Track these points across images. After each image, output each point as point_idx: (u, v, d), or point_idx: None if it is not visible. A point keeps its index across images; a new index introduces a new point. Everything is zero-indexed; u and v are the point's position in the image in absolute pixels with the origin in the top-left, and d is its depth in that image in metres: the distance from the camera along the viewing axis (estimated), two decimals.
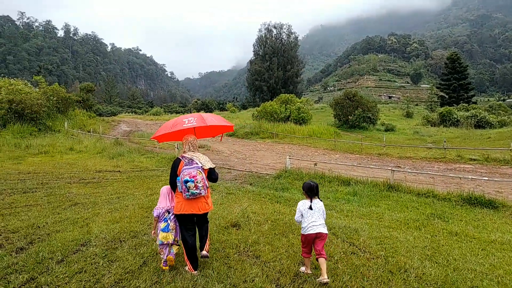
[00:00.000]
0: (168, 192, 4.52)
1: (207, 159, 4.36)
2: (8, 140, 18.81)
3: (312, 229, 4.11)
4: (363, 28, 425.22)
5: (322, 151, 21.90)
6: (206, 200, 4.26)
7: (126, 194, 9.29)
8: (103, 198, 8.67)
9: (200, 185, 4.03)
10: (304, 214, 4.28)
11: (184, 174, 4.02)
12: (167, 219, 4.29)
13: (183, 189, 4.03)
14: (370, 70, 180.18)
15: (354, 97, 35.50)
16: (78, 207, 7.70)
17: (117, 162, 15.15)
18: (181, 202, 4.12)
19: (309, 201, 4.35)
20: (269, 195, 8.99)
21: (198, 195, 4.06)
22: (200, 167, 4.13)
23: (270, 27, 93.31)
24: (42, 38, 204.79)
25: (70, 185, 10.27)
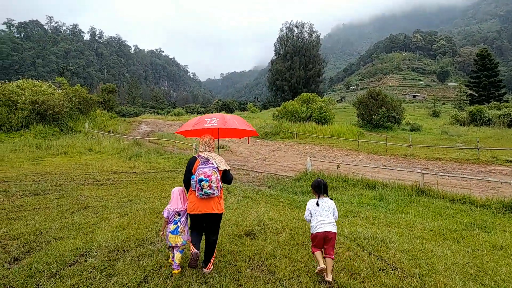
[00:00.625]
0: (180, 193, 4.43)
1: (222, 161, 4.30)
2: (30, 140, 18.97)
3: (321, 228, 4.09)
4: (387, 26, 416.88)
5: (345, 152, 21.08)
6: (219, 200, 4.21)
7: (139, 197, 8.93)
8: (114, 201, 8.32)
9: (214, 185, 3.99)
10: (313, 212, 4.27)
11: (199, 173, 3.99)
12: (177, 221, 4.23)
13: (196, 188, 4.00)
14: (393, 68, 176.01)
15: (378, 96, 34.35)
16: (87, 211, 7.36)
17: (134, 163, 14.91)
18: (194, 202, 4.10)
19: (317, 197, 4.35)
20: (288, 200, 8.42)
21: (211, 195, 4.01)
22: (215, 168, 4.07)
23: (291, 26, 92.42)
24: (69, 42, 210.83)
25: (84, 187, 10.01)
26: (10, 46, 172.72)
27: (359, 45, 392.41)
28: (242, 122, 5.21)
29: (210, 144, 4.38)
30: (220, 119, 4.79)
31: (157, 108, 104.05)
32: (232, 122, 4.91)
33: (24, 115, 21.98)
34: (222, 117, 4.88)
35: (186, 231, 4.27)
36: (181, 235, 4.20)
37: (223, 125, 4.73)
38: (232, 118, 5.12)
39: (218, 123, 4.74)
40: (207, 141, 4.38)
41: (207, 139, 4.41)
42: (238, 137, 5.98)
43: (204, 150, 4.32)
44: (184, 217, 4.29)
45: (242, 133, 5.76)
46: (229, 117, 5.07)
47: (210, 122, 4.75)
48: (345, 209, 7.47)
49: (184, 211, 4.28)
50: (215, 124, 4.72)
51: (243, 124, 5.18)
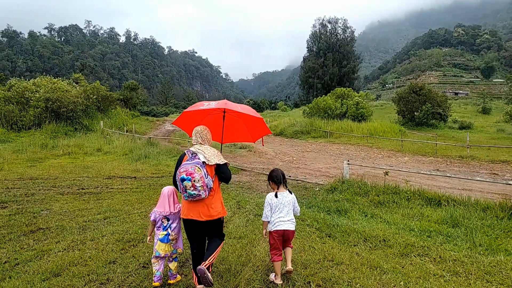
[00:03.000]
0: (170, 195, 3.75)
1: (215, 154, 3.51)
2: (36, 140, 17.52)
3: (279, 225, 3.72)
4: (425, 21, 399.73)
5: (386, 153, 18.20)
6: (210, 204, 3.42)
7: (120, 213, 6.81)
8: (82, 220, 6.25)
9: (198, 185, 3.23)
10: (273, 207, 3.79)
11: (180, 171, 3.29)
12: (167, 228, 3.64)
13: (181, 189, 3.33)
14: (432, 65, 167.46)
15: (421, 91, 30.82)
16: (34, 236, 5.35)
17: (139, 166, 12.91)
18: (183, 205, 3.50)
19: (276, 189, 3.86)
20: (318, 222, 5.94)
21: (197, 197, 3.27)
22: (200, 163, 3.32)
23: (324, 22, 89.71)
24: (106, 44, 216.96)
25: (61, 197, 8.05)
26: (51, 50, 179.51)
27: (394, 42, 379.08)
28: (248, 109, 4.27)
29: (203, 134, 3.64)
30: (220, 102, 4.03)
31: None
32: (235, 107, 4.08)
33: (37, 113, 20.69)
34: (223, 101, 4.10)
35: (179, 239, 3.76)
36: (172, 243, 3.67)
37: (223, 106, 3.94)
38: (237, 104, 4.28)
39: (217, 104, 3.97)
40: (200, 131, 3.65)
41: (200, 128, 3.68)
42: (247, 139, 4.94)
43: (196, 142, 3.62)
44: (175, 223, 3.70)
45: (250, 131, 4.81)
46: (232, 103, 4.17)
47: (208, 105, 4.02)
48: (404, 241, 4.92)
49: (173, 215, 3.68)
50: (213, 106, 3.96)
51: (249, 111, 4.24)
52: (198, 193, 3.25)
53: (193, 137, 3.65)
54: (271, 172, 3.93)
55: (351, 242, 5.03)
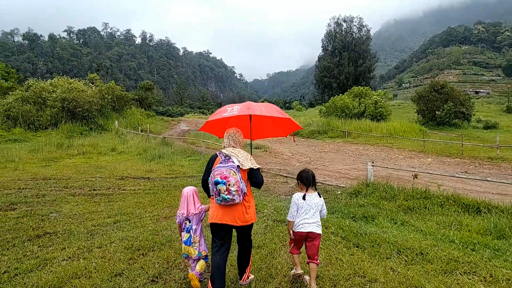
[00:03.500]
0: (189, 196, 3.66)
1: (248, 157, 3.36)
2: (52, 139, 17.48)
3: (303, 227, 3.51)
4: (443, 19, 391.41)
5: (407, 154, 17.46)
6: (246, 209, 3.30)
7: (131, 216, 6.45)
8: (91, 224, 5.92)
9: (233, 189, 3.11)
10: (299, 208, 3.56)
11: (215, 173, 3.17)
12: (189, 230, 3.56)
13: (214, 193, 3.22)
14: (451, 63, 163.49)
15: (442, 89, 29.74)
16: (39, 242, 5.03)
17: (153, 166, 12.60)
18: (214, 208, 3.33)
19: (304, 191, 3.62)
20: (344, 230, 5.43)
21: (230, 201, 3.14)
22: (235, 167, 3.20)
23: (339, 21, 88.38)
24: (123, 46, 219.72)
25: (72, 198, 7.76)
26: (70, 52, 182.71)
27: (411, 41, 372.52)
28: (272, 109, 4.06)
29: (235, 137, 3.54)
30: (243, 106, 3.87)
31: (204, 108, 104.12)
32: (258, 109, 3.88)
33: (53, 113, 20.71)
34: (247, 104, 3.94)
35: (202, 242, 3.65)
36: (195, 246, 3.57)
37: (246, 111, 3.77)
38: (259, 105, 4.06)
39: (239, 110, 3.81)
40: (232, 133, 3.55)
41: (232, 131, 3.58)
42: (276, 135, 4.90)
43: (228, 145, 3.50)
44: (196, 225, 3.62)
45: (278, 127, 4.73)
46: (256, 104, 4.03)
47: (231, 111, 3.85)
48: (446, 255, 4.36)
49: (194, 216, 3.61)
50: (235, 112, 3.79)
51: (274, 111, 4.03)
52: (232, 197, 3.14)
53: (225, 139, 3.54)
54: (301, 172, 3.71)
55: (382, 254, 4.50)
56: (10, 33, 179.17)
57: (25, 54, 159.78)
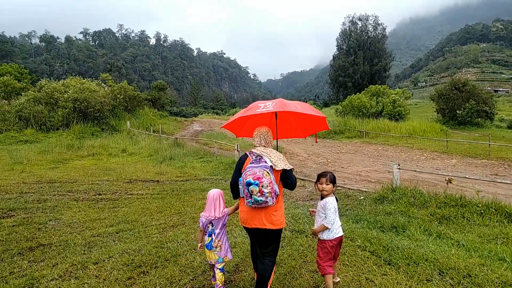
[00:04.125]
0: (216, 199, 3.45)
1: (280, 158, 3.19)
2: (62, 140, 17.22)
3: (339, 231, 3.37)
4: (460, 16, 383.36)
5: (430, 154, 16.58)
6: (274, 212, 3.14)
7: (136, 224, 5.94)
8: (93, 233, 5.44)
9: (266, 191, 2.95)
10: (337, 212, 3.37)
11: (247, 174, 3.00)
12: (211, 233, 3.40)
13: (245, 194, 3.05)
14: (469, 62, 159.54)
15: (464, 87, 28.55)
16: (30, 256, 4.53)
17: (164, 168, 12.11)
18: (244, 211, 3.20)
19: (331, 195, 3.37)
20: (372, 243, 4.77)
21: (263, 203, 2.99)
22: (269, 167, 3.02)
23: (354, 20, 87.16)
24: (137, 47, 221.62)
25: (75, 203, 7.30)
26: (86, 54, 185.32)
27: (427, 39, 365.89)
28: (307, 107, 3.85)
29: (267, 137, 3.36)
30: (278, 103, 3.58)
31: (217, 109, 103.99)
32: (294, 107, 3.64)
33: (65, 113, 20.49)
34: (281, 101, 3.65)
35: (224, 247, 3.42)
36: (216, 251, 3.37)
37: (282, 108, 3.48)
38: (294, 102, 3.84)
39: (275, 106, 3.51)
40: (265, 132, 3.38)
41: (264, 130, 3.40)
42: (303, 135, 4.61)
43: (259, 144, 3.31)
44: (219, 229, 3.40)
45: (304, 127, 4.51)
46: (290, 101, 3.80)
47: (265, 107, 3.53)
48: (498, 277, 3.66)
49: (218, 220, 3.39)
50: (271, 108, 3.48)
51: (309, 109, 3.82)
52: (265, 199, 2.98)
53: (256, 138, 3.38)
54: (332, 174, 3.40)
55: (421, 275, 3.82)
56: (28, 35, 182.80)
57: (42, 56, 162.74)
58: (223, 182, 9.90)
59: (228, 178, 10.45)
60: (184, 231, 5.54)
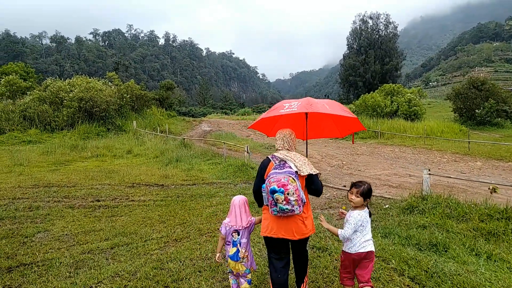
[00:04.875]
0: (241, 206, 3.22)
1: (305, 162, 2.96)
2: (66, 141, 16.68)
3: (363, 247, 2.97)
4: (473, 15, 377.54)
5: (450, 156, 15.64)
6: (304, 220, 2.93)
7: (134, 238, 5.26)
8: (84, 248, 4.77)
9: (292, 199, 2.72)
10: (362, 228, 2.99)
11: (271, 180, 2.76)
12: (236, 243, 3.14)
13: (269, 202, 2.83)
14: (482, 61, 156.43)
15: (483, 85, 27.41)
16: (4, 280, 3.80)
17: (170, 170, 11.42)
18: (268, 220, 3.00)
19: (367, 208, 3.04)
20: (409, 265, 3.98)
21: (289, 212, 2.78)
22: (293, 173, 2.79)
23: (365, 18, 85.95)
24: (146, 47, 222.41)
25: (70, 211, 6.66)
26: (96, 54, 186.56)
27: (438, 39, 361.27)
28: (336, 106, 3.48)
29: (290, 139, 3.12)
30: (303, 102, 3.33)
31: (226, 109, 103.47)
32: (321, 106, 3.34)
33: (70, 113, 19.97)
34: (307, 100, 3.37)
35: (250, 257, 3.23)
36: (243, 262, 3.13)
37: (308, 108, 3.25)
38: (322, 101, 3.47)
39: (299, 106, 3.29)
40: (287, 135, 3.13)
41: (287, 132, 3.15)
42: (340, 134, 4.25)
43: (281, 147, 3.08)
44: (245, 238, 3.16)
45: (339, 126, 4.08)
46: (318, 100, 3.46)
47: (290, 107, 3.34)
48: None
49: (245, 230, 3.16)
50: (295, 109, 3.28)
51: (338, 108, 3.45)
52: (292, 208, 2.77)
53: (278, 141, 3.16)
54: (367, 186, 3.04)
55: None
56: (39, 36, 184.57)
57: (52, 56, 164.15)
58: (232, 186, 9.18)
59: (238, 182, 9.74)
60: (188, 247, 4.83)
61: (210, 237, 5.27)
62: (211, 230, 5.61)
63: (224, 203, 7.27)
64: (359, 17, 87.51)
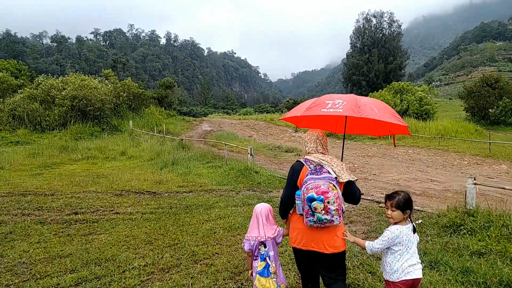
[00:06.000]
0: (266, 215, 2.89)
1: (343, 167, 2.61)
2: (56, 142, 15.54)
3: (411, 273, 2.45)
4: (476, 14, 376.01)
5: (470, 159, 14.46)
6: (336, 232, 2.58)
7: (110, 267, 4.13)
8: (40, 286, 3.54)
9: (332, 208, 2.41)
10: (403, 247, 2.47)
11: (308, 187, 2.43)
12: (264, 257, 2.81)
13: (305, 211, 2.48)
14: (485, 60, 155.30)
15: (496, 83, 26.18)
16: None
17: (164, 175, 10.28)
18: (298, 230, 2.65)
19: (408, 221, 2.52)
20: None
21: (328, 223, 2.44)
22: (333, 179, 2.47)
23: (369, 17, 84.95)
24: (147, 47, 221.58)
25: (39, 228, 5.56)
26: (96, 54, 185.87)
27: (441, 38, 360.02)
28: (386, 111, 2.92)
29: (324, 142, 2.78)
30: (350, 103, 2.74)
31: (228, 109, 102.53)
32: (370, 109, 2.73)
33: (62, 112, 18.82)
34: (353, 100, 2.79)
35: (279, 272, 2.87)
36: (274, 278, 2.78)
37: (354, 112, 2.63)
38: (369, 102, 2.89)
39: (345, 108, 2.67)
40: (320, 137, 2.78)
41: (320, 134, 2.81)
42: (377, 133, 3.58)
43: (314, 150, 2.71)
44: (273, 251, 2.83)
45: (379, 126, 3.46)
46: (364, 100, 2.88)
47: (333, 105, 2.75)
48: None
49: (271, 241, 2.81)
50: (341, 110, 2.67)
51: (388, 114, 2.87)
52: (331, 218, 2.41)
53: (311, 144, 2.76)
54: (404, 195, 2.48)
55: None
56: (39, 36, 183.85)
57: (53, 56, 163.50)
58: (234, 194, 8.02)
59: (241, 189, 8.59)
60: (178, 281, 3.70)
61: (207, 267, 4.14)
62: (208, 256, 4.48)
63: (224, 217, 6.13)
64: (362, 15, 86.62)
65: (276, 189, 8.56)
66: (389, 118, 2.84)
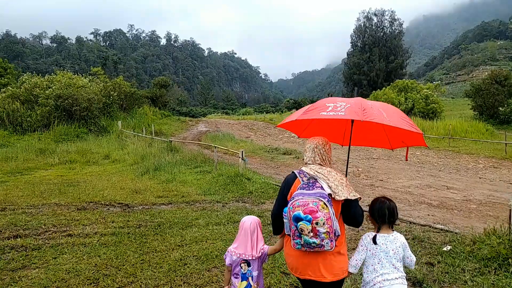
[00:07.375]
0: (253, 230, 2.50)
1: (342, 182, 2.17)
2: (33, 144, 14.34)
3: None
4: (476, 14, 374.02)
5: (486, 162, 13.21)
6: (335, 257, 2.18)
7: None
8: None
9: (322, 231, 1.99)
10: (369, 256, 2.24)
11: (294, 204, 2.05)
12: (247, 277, 2.46)
13: (291, 232, 2.12)
14: (486, 59, 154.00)
15: (506, 80, 24.89)
16: None
17: (144, 182, 9.08)
18: (292, 256, 2.26)
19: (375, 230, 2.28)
20: None
21: (317, 247, 2.04)
22: (326, 196, 2.05)
23: (370, 15, 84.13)
24: (148, 47, 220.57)
25: None
26: (96, 54, 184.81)
27: (441, 37, 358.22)
28: (395, 115, 2.49)
29: (324, 151, 2.30)
30: (354, 105, 2.35)
31: (228, 109, 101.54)
32: (377, 112, 2.33)
33: (45, 112, 17.61)
34: (358, 103, 2.38)
35: None
36: None
37: (358, 115, 2.24)
38: (376, 105, 2.51)
39: (348, 110, 2.31)
40: (321, 145, 2.31)
41: (320, 142, 2.33)
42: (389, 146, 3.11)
43: (312, 161, 2.28)
44: (257, 270, 2.47)
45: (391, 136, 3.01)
46: (371, 103, 2.48)
47: (334, 108, 2.36)
48: None
49: (255, 260, 2.45)
50: (342, 113, 2.31)
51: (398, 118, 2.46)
52: (320, 242, 2.00)
53: (308, 153, 2.32)
54: (379, 204, 2.27)
55: None
56: (39, 36, 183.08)
57: (53, 56, 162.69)
58: (220, 207, 6.80)
59: (229, 200, 7.38)
60: None
61: None
62: None
63: (201, 240, 4.91)
64: (363, 14, 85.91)
65: (270, 200, 7.37)
66: (400, 124, 2.39)
